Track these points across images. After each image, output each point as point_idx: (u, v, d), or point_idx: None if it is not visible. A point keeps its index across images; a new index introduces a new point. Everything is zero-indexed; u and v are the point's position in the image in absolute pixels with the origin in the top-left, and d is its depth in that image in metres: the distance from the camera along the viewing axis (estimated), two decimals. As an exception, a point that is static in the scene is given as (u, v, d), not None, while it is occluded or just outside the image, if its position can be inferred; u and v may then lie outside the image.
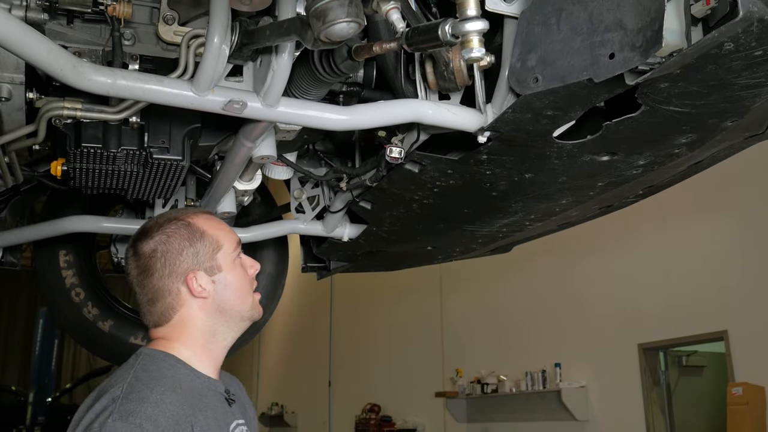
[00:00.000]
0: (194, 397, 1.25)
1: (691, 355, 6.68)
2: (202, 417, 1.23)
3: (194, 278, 1.33)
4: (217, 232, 1.38)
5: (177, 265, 1.34)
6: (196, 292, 1.34)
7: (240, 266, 1.40)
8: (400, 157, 1.82)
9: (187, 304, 1.35)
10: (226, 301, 1.36)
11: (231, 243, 1.39)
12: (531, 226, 2.37)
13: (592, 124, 1.61)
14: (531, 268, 7.89)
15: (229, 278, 1.36)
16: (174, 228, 1.35)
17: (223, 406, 1.33)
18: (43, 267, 2.85)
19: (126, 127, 1.76)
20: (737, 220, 5.88)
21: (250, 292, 1.40)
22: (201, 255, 1.35)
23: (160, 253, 1.34)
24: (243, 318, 1.39)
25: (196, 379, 1.31)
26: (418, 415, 9.84)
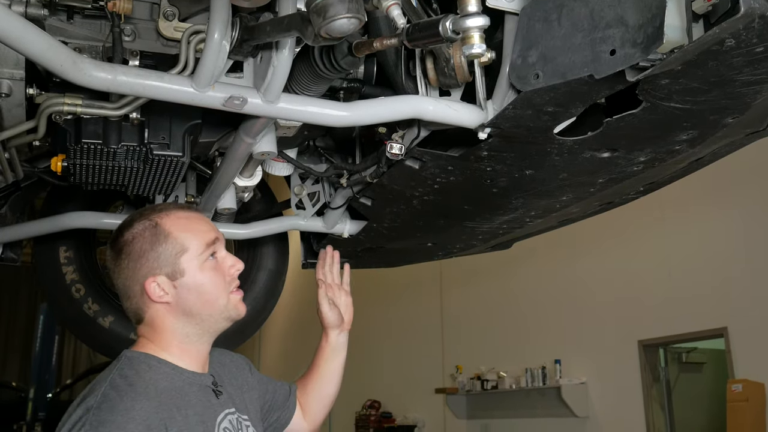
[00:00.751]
0: (173, 397, 1.25)
1: (691, 352, 6.69)
2: (180, 416, 1.23)
3: (153, 283, 1.31)
4: (185, 234, 1.34)
5: (138, 268, 1.32)
6: (155, 297, 1.32)
7: (211, 268, 1.35)
8: (400, 153, 1.82)
9: (153, 307, 1.34)
10: (190, 306, 1.33)
11: (199, 245, 1.34)
12: (531, 223, 2.37)
13: (592, 120, 1.61)
14: (531, 265, 7.89)
15: (192, 282, 1.33)
16: (140, 229, 1.34)
17: (209, 400, 1.33)
18: (43, 263, 2.85)
19: (126, 123, 1.76)
20: (737, 217, 5.88)
21: (224, 293, 1.36)
22: (162, 259, 1.32)
23: (125, 254, 1.34)
24: (217, 320, 1.36)
25: (178, 376, 1.30)
26: (418, 411, 9.86)
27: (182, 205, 1.45)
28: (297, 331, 14.44)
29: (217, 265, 1.37)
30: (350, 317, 1.80)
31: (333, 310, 1.74)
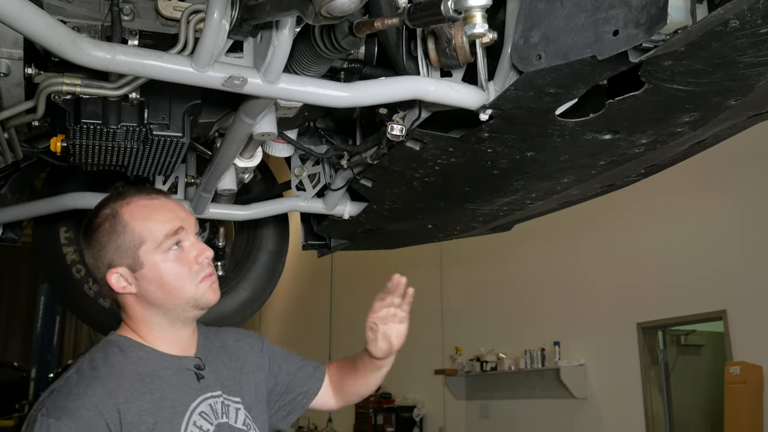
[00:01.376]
0: (138, 382, 1.25)
1: (690, 334, 6.71)
2: (140, 401, 1.22)
3: (115, 274, 1.30)
4: (143, 225, 1.31)
5: (101, 258, 1.32)
6: (118, 288, 1.31)
7: (173, 259, 1.32)
8: (401, 134, 1.81)
9: (121, 296, 1.34)
10: (152, 297, 1.32)
11: (157, 237, 1.31)
12: (532, 205, 2.37)
13: (594, 102, 1.60)
14: (531, 247, 7.89)
15: (152, 274, 1.30)
16: (101, 219, 1.33)
17: (186, 384, 1.31)
18: (43, 244, 2.85)
19: (126, 103, 1.75)
20: (737, 200, 5.87)
21: (189, 282, 1.32)
22: (122, 250, 1.31)
23: (88, 245, 1.34)
24: (185, 309, 1.33)
25: (153, 359, 1.30)
26: (417, 392, 9.92)
27: (149, 190, 1.39)
28: (297, 312, 14.48)
29: (181, 254, 1.33)
30: (400, 343, 1.64)
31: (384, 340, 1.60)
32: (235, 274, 3.02)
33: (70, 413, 1.17)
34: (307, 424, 13.03)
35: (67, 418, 1.16)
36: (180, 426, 1.25)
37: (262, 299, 3.09)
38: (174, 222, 1.34)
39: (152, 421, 1.22)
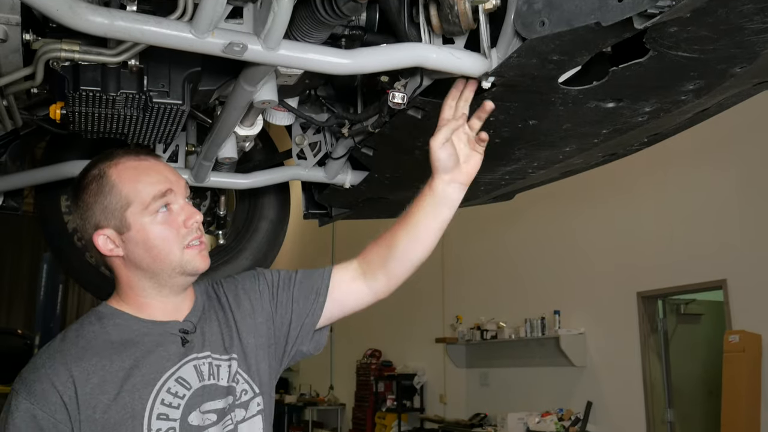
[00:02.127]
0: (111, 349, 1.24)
1: (690, 304, 6.75)
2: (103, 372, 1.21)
3: (102, 236, 1.29)
4: (130, 186, 1.29)
5: (88, 220, 1.30)
6: (105, 251, 1.30)
7: (161, 222, 1.29)
8: (402, 102, 1.79)
9: (108, 258, 1.32)
10: (139, 260, 1.29)
11: (144, 199, 1.28)
12: (534, 174, 2.36)
13: (598, 70, 1.59)
14: (533, 216, 7.90)
15: (139, 237, 1.28)
16: (89, 180, 1.31)
17: (167, 349, 1.28)
18: (45, 212, 2.85)
19: (125, 70, 1.73)
20: (739, 170, 5.86)
21: (176, 247, 1.30)
22: (109, 211, 1.28)
23: (77, 205, 1.32)
24: (170, 275, 1.30)
25: (131, 326, 1.29)
26: (418, 360, 10.02)
27: (137, 151, 1.36)
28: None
29: (170, 217, 1.31)
30: (470, 170, 1.47)
31: (445, 148, 1.42)
32: (236, 243, 3.03)
33: (27, 386, 1.19)
34: (309, 392, 13.19)
35: (23, 390, 1.19)
36: (149, 394, 1.23)
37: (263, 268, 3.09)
38: (162, 184, 1.31)
39: (115, 391, 1.20)
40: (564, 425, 6.83)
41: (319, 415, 12.88)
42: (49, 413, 1.17)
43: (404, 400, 9.86)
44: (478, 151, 1.50)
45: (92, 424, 1.17)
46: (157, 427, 1.21)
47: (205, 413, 1.27)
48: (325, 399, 12.48)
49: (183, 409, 1.24)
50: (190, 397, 1.26)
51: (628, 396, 6.64)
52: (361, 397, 11.07)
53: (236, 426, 1.31)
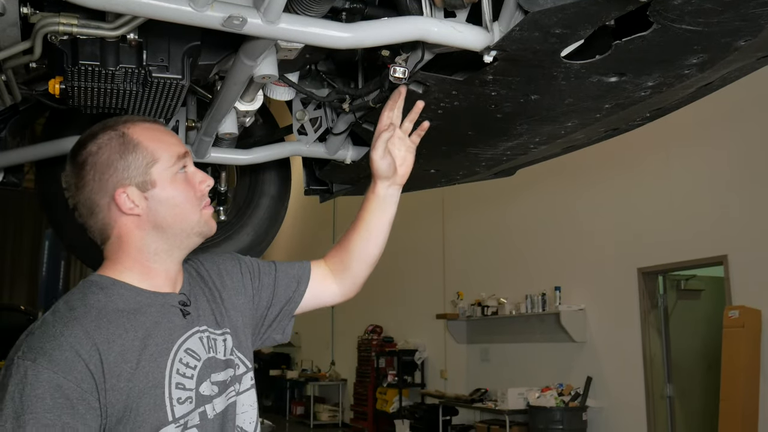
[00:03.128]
0: (123, 318, 1.20)
1: (690, 279, 6.77)
2: (122, 341, 1.17)
3: (124, 194, 1.26)
4: (155, 145, 1.29)
5: (106, 179, 1.26)
6: (126, 208, 1.26)
7: (183, 181, 1.31)
8: (403, 77, 1.78)
9: (121, 221, 1.28)
10: (161, 219, 1.28)
11: (170, 156, 1.29)
12: (535, 149, 2.35)
13: (600, 44, 1.58)
14: (534, 193, 7.89)
15: (164, 194, 1.28)
16: (106, 139, 1.27)
17: (171, 320, 1.27)
18: (45, 188, 2.85)
19: (124, 44, 1.72)
20: (739, 147, 5.85)
21: (196, 208, 1.32)
22: (132, 169, 1.26)
23: (89, 165, 1.26)
24: (189, 235, 1.31)
25: (135, 296, 1.25)
26: (419, 336, 10.08)
27: (143, 117, 1.36)
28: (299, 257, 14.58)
29: (188, 178, 1.32)
30: (405, 172, 1.65)
31: (385, 159, 1.60)
32: (237, 219, 3.03)
33: (46, 355, 1.12)
34: (310, 367, 13.29)
35: (43, 360, 1.11)
36: (165, 364, 1.21)
37: (265, 244, 3.10)
38: (181, 146, 1.32)
39: (135, 359, 1.18)
40: (564, 400, 6.88)
41: (321, 391, 12.99)
42: (75, 382, 1.11)
43: (405, 375, 9.95)
44: (411, 152, 1.68)
45: (117, 393, 1.14)
46: (177, 396, 1.21)
47: (213, 384, 1.28)
48: (327, 374, 12.58)
49: (196, 379, 1.25)
50: (200, 368, 1.27)
51: (627, 371, 6.69)
52: (363, 372, 11.16)
53: (236, 397, 1.33)
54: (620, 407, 6.77)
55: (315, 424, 12.13)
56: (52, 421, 1.07)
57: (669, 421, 6.48)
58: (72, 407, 1.10)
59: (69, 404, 1.09)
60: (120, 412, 1.14)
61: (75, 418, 1.09)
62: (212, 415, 1.26)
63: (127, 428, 1.14)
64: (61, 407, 1.09)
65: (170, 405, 1.19)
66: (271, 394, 14.24)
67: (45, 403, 1.08)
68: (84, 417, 1.10)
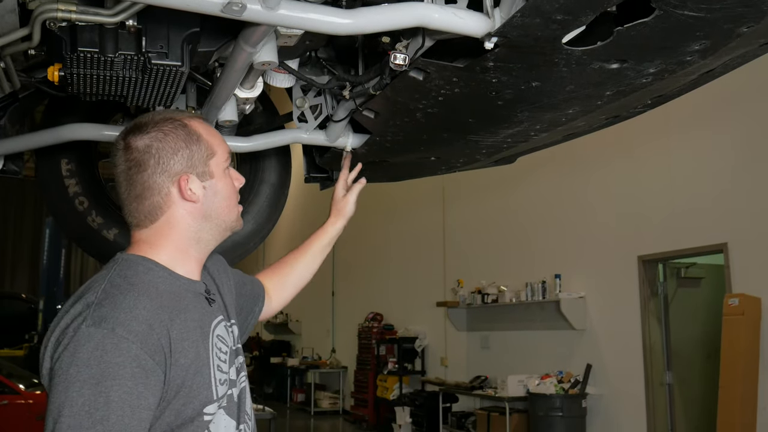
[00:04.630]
0: (172, 300, 1.24)
1: (690, 267, 6.77)
2: (179, 320, 1.22)
3: (187, 180, 1.32)
4: (213, 139, 1.37)
5: (171, 165, 1.31)
6: (187, 195, 1.32)
7: (229, 176, 1.41)
8: (404, 64, 1.77)
9: (175, 206, 1.32)
10: (214, 209, 1.36)
11: (224, 152, 1.39)
12: (536, 137, 2.34)
13: (602, 30, 1.57)
14: (534, 180, 7.89)
15: (219, 186, 1.36)
16: (171, 127, 1.32)
17: (203, 307, 1.33)
18: (45, 176, 2.84)
19: (123, 31, 1.71)
20: (740, 134, 5.83)
21: (236, 203, 1.41)
22: (195, 159, 1.33)
23: (155, 150, 1.30)
24: (227, 228, 1.40)
25: (174, 281, 1.29)
26: (419, 324, 10.10)
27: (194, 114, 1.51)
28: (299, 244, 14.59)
29: (232, 175, 1.42)
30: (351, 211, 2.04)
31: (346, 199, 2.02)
32: (237, 207, 3.03)
33: (123, 325, 1.13)
34: (311, 355, 13.33)
35: (121, 330, 1.13)
36: (209, 346, 1.28)
37: (265, 231, 3.10)
38: (227, 144, 1.42)
39: (192, 339, 1.23)
40: (563, 387, 6.91)
41: (322, 378, 13.04)
42: (149, 354, 1.14)
43: (405, 363, 9.98)
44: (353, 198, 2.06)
45: (178, 369, 1.18)
46: (219, 377, 1.27)
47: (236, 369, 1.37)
48: (327, 362, 12.63)
49: (228, 362, 1.33)
50: (230, 353, 1.35)
51: (627, 359, 6.70)
52: (363, 360, 11.20)
53: (246, 384, 1.41)
54: (620, 394, 6.79)
55: (316, 411, 12.18)
56: (130, 389, 1.10)
57: (668, 409, 6.50)
58: (146, 377, 1.13)
59: (144, 374, 1.13)
60: (178, 387, 1.18)
61: (147, 388, 1.13)
62: (235, 397, 1.34)
63: (180, 402, 1.19)
64: (138, 377, 1.12)
65: (215, 385, 1.25)
66: (272, 381, 14.31)
67: (125, 371, 1.11)
68: (154, 388, 1.14)
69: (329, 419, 11.88)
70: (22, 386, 7.63)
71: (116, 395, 1.09)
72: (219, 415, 1.26)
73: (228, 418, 1.29)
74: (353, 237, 11.94)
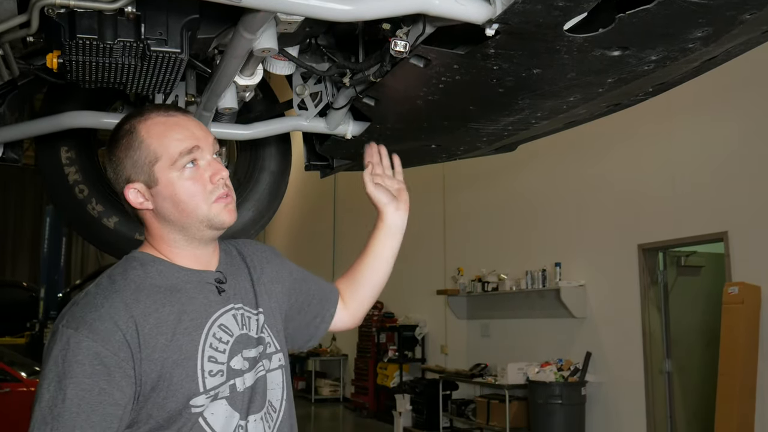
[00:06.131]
0: (159, 293, 1.27)
1: (690, 256, 6.77)
2: (158, 314, 1.24)
3: (132, 190, 1.32)
4: (158, 142, 1.31)
5: (120, 174, 1.33)
6: (135, 204, 1.33)
7: (189, 177, 1.32)
8: (405, 50, 1.76)
9: (141, 212, 1.36)
10: (167, 215, 1.33)
11: (171, 154, 1.31)
12: (537, 125, 2.34)
13: (604, 17, 1.56)
14: (535, 169, 7.88)
15: (166, 192, 1.31)
16: (121, 134, 1.34)
17: (206, 297, 1.33)
18: (45, 164, 2.84)
19: (122, 17, 1.70)
20: (741, 123, 5.81)
21: (203, 202, 1.33)
22: (138, 166, 1.32)
23: (110, 159, 1.35)
24: (198, 228, 1.34)
25: (174, 273, 1.32)
26: (419, 312, 10.11)
27: (167, 107, 1.39)
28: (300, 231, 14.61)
29: (197, 173, 1.33)
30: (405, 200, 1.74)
31: (379, 189, 1.72)
32: (238, 195, 3.02)
33: (88, 325, 1.19)
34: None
35: (84, 329, 1.19)
36: (199, 338, 1.28)
37: (266, 219, 3.10)
38: (189, 140, 1.33)
39: (170, 332, 1.24)
40: (563, 375, 6.93)
41: (322, 366, 13.08)
42: (112, 351, 1.18)
43: (406, 350, 10.00)
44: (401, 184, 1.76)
45: (151, 363, 1.21)
46: (208, 368, 1.27)
47: (244, 359, 1.35)
48: (328, 350, 12.66)
49: (228, 353, 1.31)
50: (233, 343, 1.33)
51: (627, 347, 6.72)
52: (363, 348, 11.23)
53: (267, 374, 1.39)
54: (619, 382, 6.81)
55: (316, 398, 12.23)
56: (90, 386, 1.16)
57: (667, 396, 6.52)
58: (109, 374, 1.17)
59: (106, 371, 1.17)
60: (154, 381, 1.21)
61: (111, 384, 1.17)
62: (242, 388, 1.32)
63: (160, 396, 1.21)
64: (99, 374, 1.17)
65: (202, 377, 1.25)
66: (272, 369, 14.34)
67: (84, 369, 1.16)
68: (119, 384, 1.18)
69: (330, 406, 11.93)
70: (23, 374, 7.66)
71: (72, 393, 1.15)
72: (217, 406, 1.27)
73: (230, 409, 1.28)
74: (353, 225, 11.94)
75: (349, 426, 10.57)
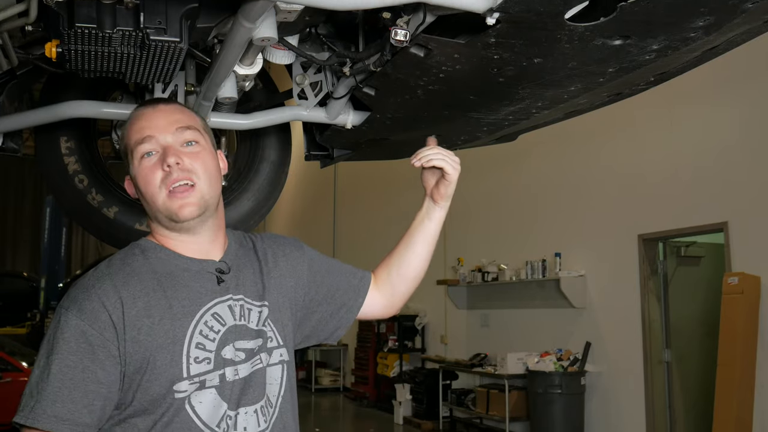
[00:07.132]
0: (154, 279, 1.31)
1: (690, 246, 6.77)
2: (147, 299, 1.28)
3: (128, 180, 1.42)
4: (127, 134, 1.38)
5: None
6: (131, 194, 1.42)
7: (146, 167, 1.34)
8: (405, 40, 1.76)
9: None
10: (143, 205, 1.39)
11: (131, 145, 1.36)
12: (538, 114, 2.33)
13: (605, 6, 1.55)
14: (535, 159, 7.87)
15: (135, 182, 1.38)
16: None
17: (203, 285, 1.35)
18: (44, 154, 2.83)
19: (121, 6, 1.69)
20: (742, 113, 5.80)
21: (157, 194, 1.33)
22: (125, 159, 1.41)
23: None
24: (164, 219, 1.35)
25: (172, 261, 1.36)
26: (419, 301, 10.12)
27: (157, 100, 1.44)
28: (300, 221, 14.61)
29: (154, 163, 1.34)
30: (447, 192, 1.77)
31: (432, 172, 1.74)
32: (238, 185, 3.02)
33: (77, 304, 1.25)
34: (311, 332, 13.37)
35: (74, 309, 1.25)
36: (189, 324, 1.29)
37: (266, 210, 3.09)
38: (143, 131, 1.36)
39: (158, 316, 1.27)
40: (563, 365, 6.95)
41: (322, 356, 13.11)
42: (98, 330, 1.23)
43: (406, 340, 10.03)
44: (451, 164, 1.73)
45: (136, 345, 1.24)
46: (195, 355, 1.28)
47: (237, 350, 1.34)
48: (328, 340, 12.68)
49: (218, 342, 1.31)
50: (224, 333, 1.33)
51: (626, 337, 6.73)
52: (363, 337, 11.25)
53: (266, 368, 1.38)
54: (618, 372, 6.83)
55: (317, 388, 12.27)
56: (74, 363, 1.21)
57: (666, 386, 6.54)
58: (93, 352, 1.22)
59: (90, 350, 1.22)
60: (138, 362, 1.24)
61: (95, 362, 1.22)
62: (232, 378, 1.31)
63: (144, 378, 1.24)
64: (84, 351, 1.22)
65: (186, 362, 1.27)
66: (272, 359, 14.38)
67: (70, 346, 1.22)
68: (103, 363, 1.23)
69: (330, 396, 11.97)
70: (24, 364, 7.68)
71: (56, 368, 1.20)
72: (205, 394, 1.27)
73: (218, 399, 1.28)
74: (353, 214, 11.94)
75: (350, 415, 10.61)
